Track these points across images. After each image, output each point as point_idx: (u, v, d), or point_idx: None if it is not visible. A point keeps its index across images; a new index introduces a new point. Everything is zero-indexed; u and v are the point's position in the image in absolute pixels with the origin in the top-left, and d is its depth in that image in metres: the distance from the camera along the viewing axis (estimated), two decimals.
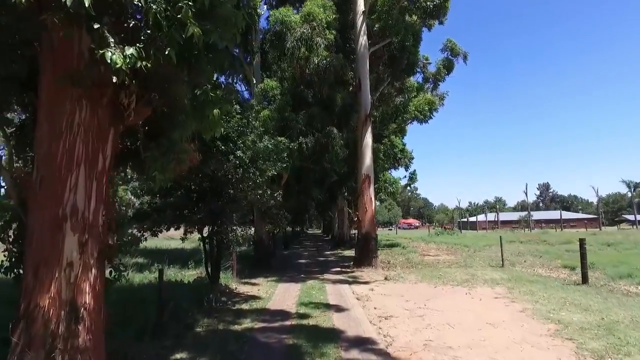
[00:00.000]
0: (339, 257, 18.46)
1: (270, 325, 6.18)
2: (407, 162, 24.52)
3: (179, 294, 7.55)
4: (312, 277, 11.83)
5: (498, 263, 14.78)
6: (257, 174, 6.89)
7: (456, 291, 9.13)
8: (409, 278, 11.21)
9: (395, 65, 14.62)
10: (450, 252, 20.58)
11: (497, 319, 6.31)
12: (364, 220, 13.21)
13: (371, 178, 13.28)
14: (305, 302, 7.78)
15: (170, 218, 6.47)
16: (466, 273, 11.87)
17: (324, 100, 12.15)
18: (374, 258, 12.93)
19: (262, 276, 11.79)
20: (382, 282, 10.74)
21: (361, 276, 11.65)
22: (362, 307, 7.46)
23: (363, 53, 13.56)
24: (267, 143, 7.09)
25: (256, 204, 7.50)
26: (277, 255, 18.31)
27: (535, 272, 12.14)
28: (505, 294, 8.56)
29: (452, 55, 21.22)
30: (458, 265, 14.11)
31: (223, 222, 7.31)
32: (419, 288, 9.69)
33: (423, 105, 21.64)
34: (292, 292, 9.14)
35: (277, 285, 10.31)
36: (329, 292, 9.14)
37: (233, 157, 6.75)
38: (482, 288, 9.41)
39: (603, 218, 56.04)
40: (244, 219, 8.08)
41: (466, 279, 10.70)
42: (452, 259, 16.68)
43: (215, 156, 6.37)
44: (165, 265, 12.57)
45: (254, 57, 14.22)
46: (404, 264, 14.78)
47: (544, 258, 16.58)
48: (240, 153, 6.71)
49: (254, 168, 6.79)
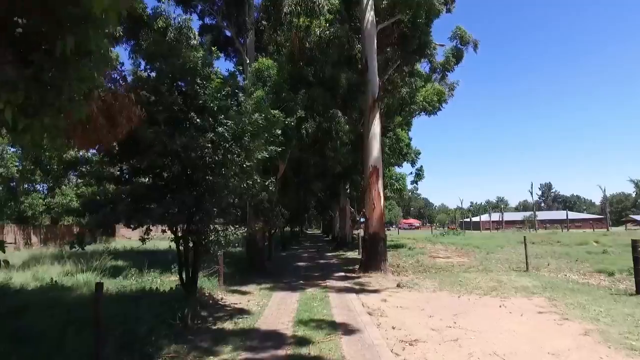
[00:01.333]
0: (341, 260, 16.88)
1: (257, 356, 4.61)
2: (413, 158, 23.03)
3: (145, 309, 5.98)
4: (312, 283, 10.26)
5: (519, 266, 13.26)
6: (243, 155, 5.34)
7: (487, 303, 7.57)
8: (424, 285, 9.66)
9: (405, 46, 13.07)
10: (462, 253, 19.03)
11: (559, 347, 4.75)
12: (371, 219, 11.64)
13: (380, 171, 11.71)
14: (304, 320, 6.21)
15: (125, 212, 4.89)
16: (490, 279, 10.32)
17: (326, 81, 10.62)
18: (383, 262, 11.36)
19: (255, 282, 10.21)
20: (395, 290, 9.19)
21: (369, 283, 10.09)
22: (377, 326, 5.90)
23: (370, 31, 12.00)
24: (257, 117, 5.55)
25: (243, 195, 5.93)
26: (274, 257, 16.73)
27: (568, 278, 10.60)
28: (548, 307, 7.01)
29: (461, 43, 19.72)
30: (476, 270, 12.57)
31: (201, 219, 5.74)
32: (440, 298, 8.14)
33: (432, 95, 20.17)
34: (288, 304, 7.57)
35: (272, 294, 8.74)
36: (334, 304, 7.57)
37: (213, 134, 5.22)
38: (517, 299, 7.87)
39: (609, 218, 54.48)
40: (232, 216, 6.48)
41: (493, 287, 9.16)
42: (467, 262, 15.13)
43: (189, 131, 4.83)
44: (144, 268, 11.03)
45: (247, 35, 12.66)
46: (415, 267, 13.24)
47: (566, 261, 15.05)
48: (222, 129, 5.18)
49: (239, 148, 5.25)
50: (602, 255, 15.96)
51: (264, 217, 11.02)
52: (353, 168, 15.88)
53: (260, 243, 11.64)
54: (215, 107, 5.19)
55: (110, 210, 4.81)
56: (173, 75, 5.11)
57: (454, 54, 20.18)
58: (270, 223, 11.50)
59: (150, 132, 4.60)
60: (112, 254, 14.26)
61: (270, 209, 10.66)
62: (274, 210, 10.71)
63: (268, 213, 10.71)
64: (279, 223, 12.19)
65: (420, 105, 20.18)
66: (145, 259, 11.90)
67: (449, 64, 20.66)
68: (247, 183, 5.76)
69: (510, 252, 18.52)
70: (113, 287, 8.44)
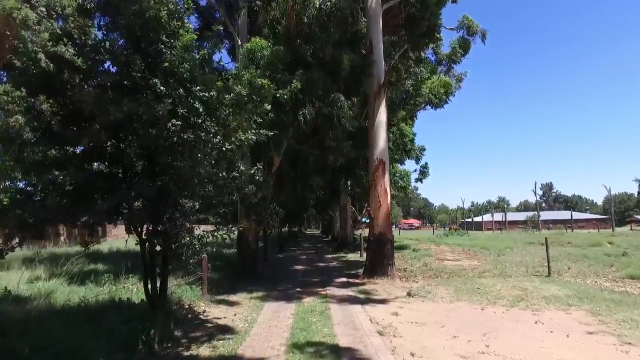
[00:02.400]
0: (343, 263, 15.65)
1: None
2: (418, 154, 21.78)
3: (103, 329, 4.77)
4: (311, 291, 9.04)
5: (539, 271, 12.11)
6: (221, 133, 4.11)
7: (518, 317, 6.38)
8: (438, 293, 8.46)
9: (413, 28, 11.86)
10: (470, 255, 17.81)
11: None
12: (376, 218, 10.43)
13: (386, 164, 10.50)
14: (300, 343, 4.99)
15: (57, 207, 3.62)
16: (511, 286, 9.12)
17: (327, 63, 9.42)
18: (390, 266, 10.16)
19: (246, 290, 8.98)
20: (406, 299, 7.98)
21: (376, 291, 8.88)
22: (392, 352, 4.68)
23: (375, 9, 10.79)
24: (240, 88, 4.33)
25: (223, 187, 4.71)
26: (270, 259, 15.50)
27: (600, 286, 9.42)
28: (595, 324, 5.81)
29: (468, 34, 18.56)
30: (492, 274, 11.37)
31: (172, 218, 4.52)
32: (460, 310, 6.93)
33: (438, 87, 19.01)
34: (281, 319, 6.35)
35: (263, 305, 7.51)
36: (336, 319, 6.35)
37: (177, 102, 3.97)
38: (552, 312, 6.67)
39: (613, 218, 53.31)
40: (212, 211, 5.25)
41: (518, 296, 7.96)
42: (478, 265, 13.94)
43: (146, 99, 3.61)
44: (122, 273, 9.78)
45: (239, 15, 11.42)
46: (424, 271, 12.03)
47: (586, 264, 13.90)
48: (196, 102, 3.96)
49: (215, 124, 4.02)
50: (624, 258, 14.81)
51: (257, 216, 9.80)
52: (355, 161, 14.63)
53: (252, 245, 10.40)
54: (185, 74, 3.98)
55: (40, 206, 3.58)
56: (130, 29, 3.90)
57: (460, 44, 19.06)
58: (264, 222, 10.27)
59: (86, 94, 3.38)
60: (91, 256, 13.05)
61: (263, 206, 9.44)
62: (267, 208, 9.49)
63: (261, 211, 9.49)
64: (274, 222, 10.94)
65: (425, 97, 19.06)
66: (128, 262, 10.64)
67: (455, 55, 19.55)
68: (228, 172, 4.54)
69: (523, 254, 17.34)
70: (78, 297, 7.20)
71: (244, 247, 10.33)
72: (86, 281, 8.93)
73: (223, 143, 4.39)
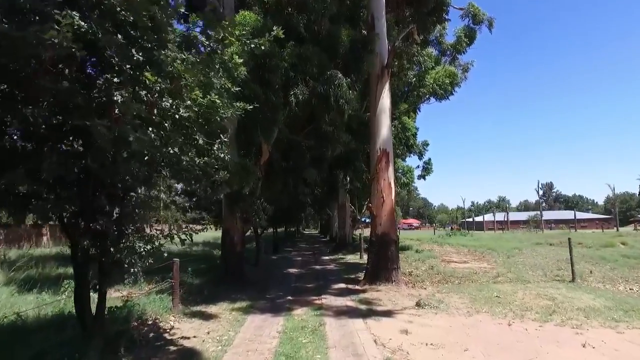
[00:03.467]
0: (341, 266, 14.40)
1: None
2: (421, 149, 20.57)
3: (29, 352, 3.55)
4: (303, 300, 7.80)
5: (558, 275, 10.92)
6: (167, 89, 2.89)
7: (557, 336, 5.16)
8: (452, 303, 7.24)
9: (419, 4, 10.64)
10: (478, 257, 16.59)
11: None
12: (379, 216, 9.19)
13: (390, 155, 9.28)
14: None
15: None
16: (535, 293, 7.92)
17: (323, 39, 8.20)
18: (395, 270, 8.93)
19: (228, 299, 7.72)
20: (415, 311, 6.74)
21: (379, 300, 7.63)
22: None
23: None
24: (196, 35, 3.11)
25: (184, 171, 3.48)
26: (262, 261, 14.23)
27: (635, 293, 8.23)
28: None
29: (474, 23, 17.47)
30: (508, 279, 10.15)
31: (107, 211, 3.29)
32: (483, 327, 5.71)
33: (443, 77, 17.81)
34: (264, 341, 5.10)
35: (245, 319, 6.26)
36: (332, 339, 5.11)
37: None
38: (598, 330, 5.46)
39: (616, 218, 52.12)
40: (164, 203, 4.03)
41: (548, 307, 6.75)
42: (489, 268, 12.72)
43: (60, 32, 2.40)
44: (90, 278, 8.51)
45: None
46: (431, 276, 10.79)
47: (608, 267, 12.73)
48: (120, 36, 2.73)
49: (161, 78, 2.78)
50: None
51: (243, 214, 8.54)
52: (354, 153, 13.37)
53: (238, 246, 9.12)
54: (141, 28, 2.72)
55: None
56: None
57: (465, 33, 18.02)
58: (251, 221, 9.01)
59: None
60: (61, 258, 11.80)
61: (250, 202, 8.20)
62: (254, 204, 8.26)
63: (247, 208, 8.25)
64: (261, 221, 9.68)
65: (430, 88, 17.89)
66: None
67: (460, 45, 18.50)
68: (185, 149, 3.30)
69: (533, 255, 16.15)
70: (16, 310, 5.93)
71: (228, 249, 9.05)
72: (45, 289, 7.68)
73: (177, 109, 3.16)
